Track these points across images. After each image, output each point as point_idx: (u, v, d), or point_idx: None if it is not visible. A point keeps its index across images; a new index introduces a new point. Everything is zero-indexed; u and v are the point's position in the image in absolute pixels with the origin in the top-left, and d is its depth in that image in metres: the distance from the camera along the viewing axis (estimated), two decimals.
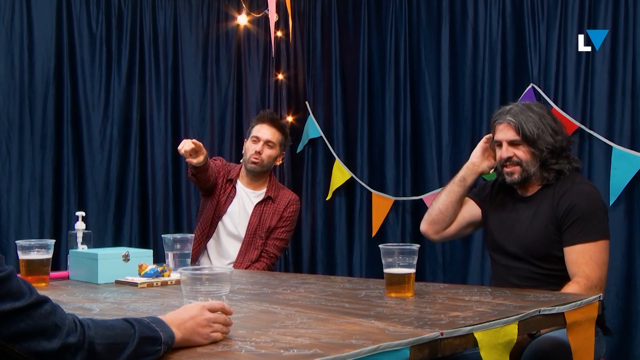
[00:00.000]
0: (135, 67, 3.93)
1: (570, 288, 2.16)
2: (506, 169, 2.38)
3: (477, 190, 2.61)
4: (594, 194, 2.33)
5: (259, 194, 3.21)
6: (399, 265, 1.96)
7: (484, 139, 2.54)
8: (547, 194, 2.35)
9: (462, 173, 2.54)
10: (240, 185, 3.23)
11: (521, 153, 2.35)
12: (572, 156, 2.41)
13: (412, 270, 1.97)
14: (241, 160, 3.29)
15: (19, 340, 1.12)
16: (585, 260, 2.21)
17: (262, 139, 3.17)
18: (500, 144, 2.40)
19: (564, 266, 2.26)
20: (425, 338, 1.40)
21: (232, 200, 3.19)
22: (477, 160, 2.52)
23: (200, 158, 2.90)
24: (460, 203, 2.55)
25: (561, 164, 2.35)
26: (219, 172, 3.18)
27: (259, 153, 3.16)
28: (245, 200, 3.21)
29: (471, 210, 2.56)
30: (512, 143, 2.36)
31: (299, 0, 4.27)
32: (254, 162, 3.16)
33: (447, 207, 2.54)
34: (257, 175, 3.21)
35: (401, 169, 3.97)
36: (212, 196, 3.18)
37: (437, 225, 2.57)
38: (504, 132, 2.37)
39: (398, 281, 1.96)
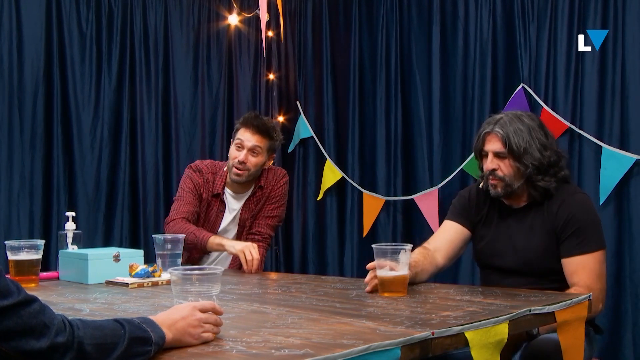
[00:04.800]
0: (126, 66, 3.92)
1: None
2: (490, 181, 2.31)
3: (460, 207, 2.45)
4: (589, 204, 2.30)
5: (248, 194, 2.97)
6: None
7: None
8: (541, 206, 2.30)
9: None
10: (228, 193, 2.96)
11: (505, 167, 2.28)
12: (560, 170, 2.32)
13: (406, 272, 1.97)
14: (226, 168, 2.97)
15: (7, 339, 1.12)
16: (586, 273, 2.18)
17: (246, 146, 2.85)
18: (486, 155, 2.33)
19: (558, 277, 2.23)
20: (416, 338, 1.40)
21: (223, 215, 2.95)
22: None
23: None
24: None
25: (547, 182, 2.27)
26: (200, 192, 2.91)
27: (243, 163, 2.84)
28: (235, 207, 2.97)
29: (459, 235, 2.42)
30: (497, 155, 2.29)
31: (290, 0, 4.27)
32: (238, 174, 2.86)
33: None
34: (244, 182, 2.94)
35: (392, 169, 3.98)
36: (203, 217, 2.92)
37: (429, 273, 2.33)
38: (491, 143, 2.30)
39: (391, 283, 1.96)
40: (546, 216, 2.27)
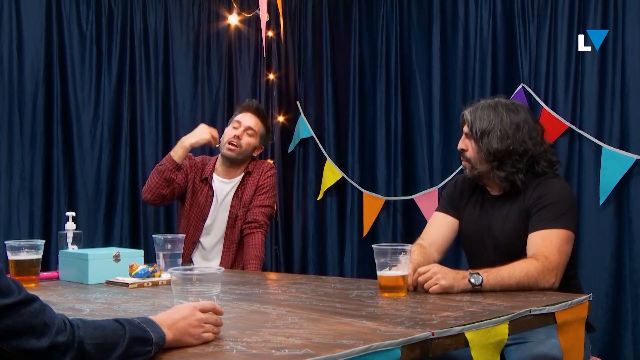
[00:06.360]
0: (126, 66, 3.92)
1: (527, 262, 2.08)
2: (463, 162, 2.38)
3: (448, 197, 2.48)
4: (564, 187, 2.28)
5: (237, 181, 3.08)
6: (392, 266, 1.96)
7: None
8: (518, 193, 2.29)
9: None
10: (216, 179, 3.09)
11: (471, 149, 2.32)
12: (552, 163, 2.31)
13: (406, 272, 1.98)
14: (217, 145, 3.15)
15: (7, 338, 1.12)
16: (545, 244, 2.14)
17: (243, 125, 3.06)
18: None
19: None
20: (416, 338, 1.40)
21: (212, 200, 3.06)
22: None
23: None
24: None
25: (518, 168, 2.24)
26: (187, 172, 3.08)
27: (237, 137, 3.03)
28: (223, 194, 3.07)
29: (450, 227, 2.45)
30: (467, 136, 2.34)
31: (290, 0, 4.27)
32: (230, 149, 3.03)
33: None
34: (233, 163, 3.07)
35: (392, 169, 3.98)
36: (190, 201, 3.06)
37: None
38: (463, 124, 2.38)
39: (392, 283, 1.97)
40: (522, 198, 2.27)
